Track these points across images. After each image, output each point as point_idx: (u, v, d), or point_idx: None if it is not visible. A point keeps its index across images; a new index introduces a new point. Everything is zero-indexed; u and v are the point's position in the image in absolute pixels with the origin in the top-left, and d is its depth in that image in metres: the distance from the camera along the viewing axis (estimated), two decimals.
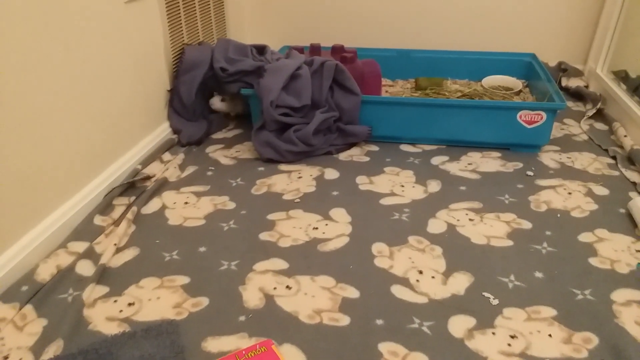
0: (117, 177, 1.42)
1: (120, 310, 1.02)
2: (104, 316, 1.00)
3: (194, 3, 1.80)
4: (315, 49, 1.84)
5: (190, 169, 1.55)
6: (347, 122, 1.63)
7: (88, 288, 1.05)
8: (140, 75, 1.52)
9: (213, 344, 0.93)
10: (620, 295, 1.03)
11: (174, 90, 1.69)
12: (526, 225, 1.26)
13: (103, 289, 1.07)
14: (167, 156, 1.60)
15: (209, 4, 1.92)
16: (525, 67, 2.01)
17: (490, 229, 1.25)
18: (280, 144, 1.52)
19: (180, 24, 1.73)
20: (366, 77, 1.73)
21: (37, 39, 1.10)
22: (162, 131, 1.67)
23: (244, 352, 0.75)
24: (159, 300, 1.04)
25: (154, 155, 1.57)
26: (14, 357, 0.91)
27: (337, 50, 1.79)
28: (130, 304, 1.03)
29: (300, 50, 1.83)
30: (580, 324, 0.96)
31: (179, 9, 1.71)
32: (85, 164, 1.31)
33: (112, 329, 0.97)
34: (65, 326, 0.96)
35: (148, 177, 1.47)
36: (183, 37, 1.75)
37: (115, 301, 1.04)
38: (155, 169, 1.52)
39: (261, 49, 1.80)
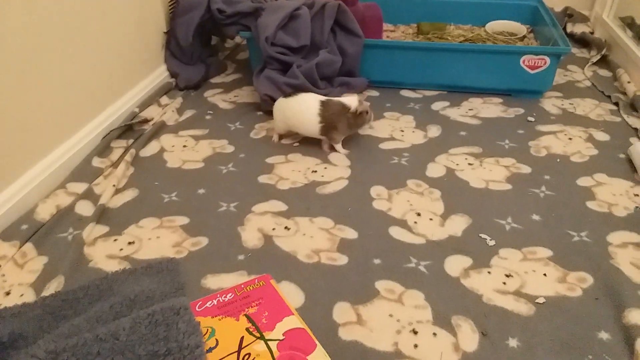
0: (114, 119, 1.40)
1: (121, 249, 1.02)
2: (105, 254, 1.01)
3: None
4: None
5: (188, 113, 1.53)
6: (349, 69, 1.60)
7: (88, 227, 1.06)
8: (135, 16, 1.48)
9: (212, 281, 0.94)
10: (616, 237, 1.04)
11: (171, 32, 1.66)
12: (525, 169, 1.26)
13: (103, 229, 1.08)
14: (165, 100, 1.59)
15: None
16: (531, 12, 1.96)
17: (489, 173, 1.24)
18: (280, 77, 1.48)
19: None
20: (367, 21, 1.69)
21: None
22: (160, 74, 1.64)
23: (242, 286, 0.76)
24: (158, 239, 1.05)
25: (152, 99, 1.55)
26: (16, 293, 0.93)
27: None
28: (130, 243, 1.04)
29: None
30: (575, 265, 0.97)
31: None
32: (83, 105, 1.29)
33: (112, 267, 0.98)
34: (65, 263, 0.97)
35: (146, 120, 1.46)
36: None
37: (115, 240, 1.05)
38: (153, 113, 1.50)
39: None
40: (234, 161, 1.31)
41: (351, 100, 1.29)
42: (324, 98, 1.31)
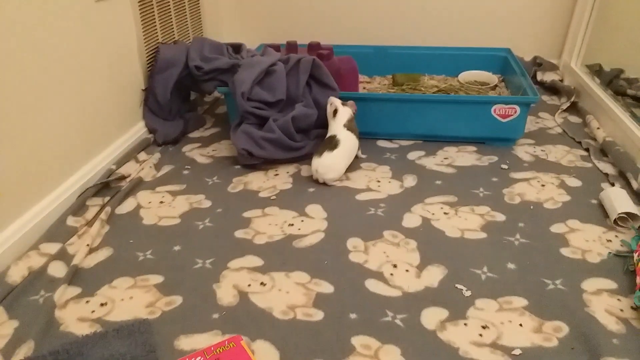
0: (90, 177, 1.40)
1: (93, 311, 1.01)
2: (76, 317, 0.99)
3: (169, 1, 1.79)
4: (291, 47, 1.84)
5: (166, 168, 1.54)
6: (325, 121, 1.62)
7: (60, 289, 1.04)
8: (113, 74, 1.51)
9: (186, 342, 0.93)
10: (590, 284, 1.05)
11: (149, 89, 1.68)
12: (500, 217, 1.27)
13: (75, 290, 1.06)
14: (142, 156, 1.59)
15: (184, 3, 1.91)
16: (501, 62, 2.02)
17: (464, 222, 1.25)
18: (257, 131, 1.50)
19: (155, 22, 1.71)
20: (343, 74, 1.73)
21: (3, 39, 1.09)
22: (138, 131, 1.66)
23: (212, 349, 0.75)
24: (131, 299, 1.03)
25: (129, 155, 1.56)
26: None
27: (313, 48, 1.79)
28: (102, 304, 1.02)
29: (277, 48, 1.83)
30: (550, 313, 0.97)
31: (153, 8, 1.69)
32: (58, 164, 1.29)
33: (83, 330, 0.96)
34: (36, 327, 0.95)
35: (123, 177, 1.46)
36: (157, 35, 1.74)
37: (87, 302, 1.03)
38: (130, 169, 1.51)
39: (237, 48, 1.80)
40: (210, 216, 1.31)
41: (350, 106, 1.53)
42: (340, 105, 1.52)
